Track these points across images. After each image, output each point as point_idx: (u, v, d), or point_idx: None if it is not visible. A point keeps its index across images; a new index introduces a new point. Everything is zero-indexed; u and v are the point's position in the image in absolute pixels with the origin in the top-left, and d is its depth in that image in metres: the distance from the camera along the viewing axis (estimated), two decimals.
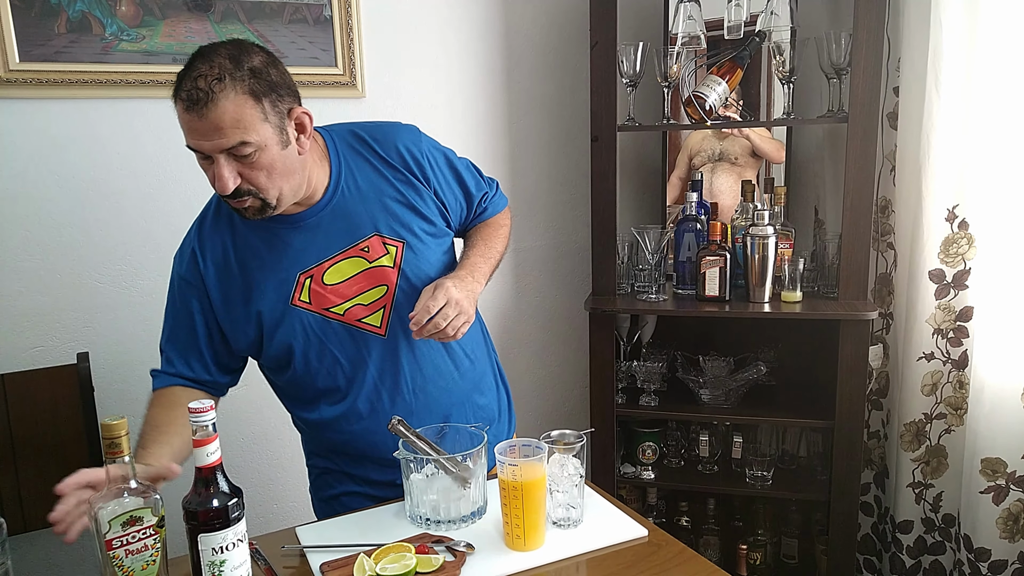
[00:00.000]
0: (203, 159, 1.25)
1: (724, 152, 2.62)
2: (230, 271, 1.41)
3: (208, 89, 1.18)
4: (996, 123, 2.05)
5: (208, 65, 1.20)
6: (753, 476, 2.38)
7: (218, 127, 1.20)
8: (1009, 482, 2.11)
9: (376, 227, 1.41)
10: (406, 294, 1.43)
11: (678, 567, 1.24)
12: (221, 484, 1.03)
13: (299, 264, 1.40)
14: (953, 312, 2.21)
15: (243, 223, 1.41)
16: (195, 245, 1.43)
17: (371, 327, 1.44)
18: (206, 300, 1.42)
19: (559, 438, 1.37)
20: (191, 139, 1.23)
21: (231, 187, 1.24)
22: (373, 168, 1.44)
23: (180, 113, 1.22)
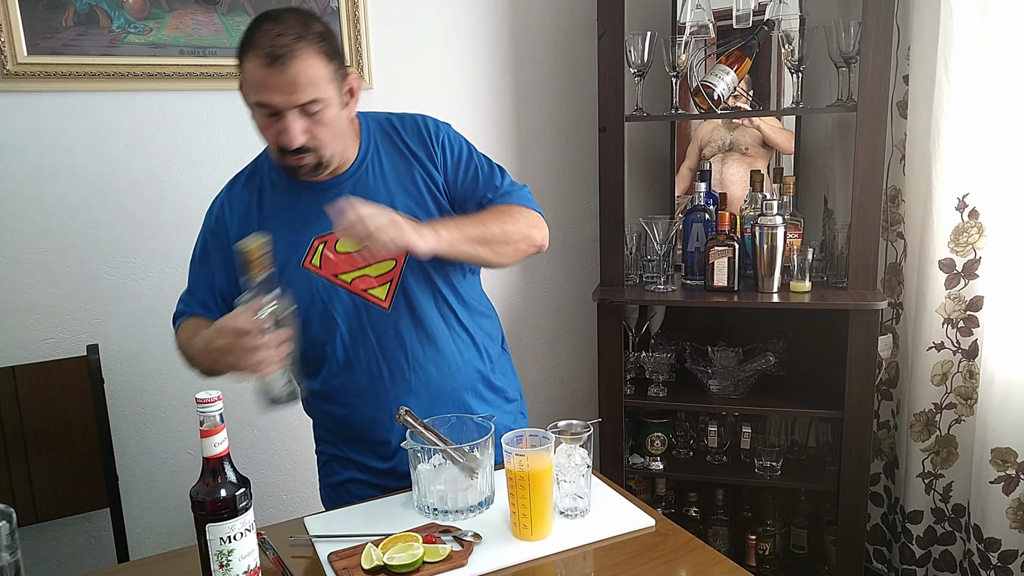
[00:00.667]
0: (267, 116, 1.33)
1: (734, 142, 2.61)
2: (251, 226, 1.45)
3: (289, 46, 1.27)
4: (1006, 111, 2.03)
5: (281, 25, 1.28)
6: (762, 466, 2.38)
7: (295, 83, 1.28)
8: (1019, 472, 2.10)
9: (393, 205, 1.44)
10: (414, 271, 1.48)
11: (685, 557, 1.24)
12: (229, 474, 1.04)
13: (316, 229, 1.44)
14: (963, 302, 2.20)
15: (272, 187, 1.49)
16: (224, 200, 1.52)
17: (376, 299, 1.46)
18: (228, 252, 1.46)
19: (566, 428, 1.37)
20: (264, 95, 1.30)
21: (299, 142, 1.32)
22: (399, 153, 1.51)
23: (255, 69, 1.29)
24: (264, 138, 1.39)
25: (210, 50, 2.05)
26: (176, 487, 2.19)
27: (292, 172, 1.41)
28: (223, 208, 1.51)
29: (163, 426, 2.17)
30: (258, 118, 1.36)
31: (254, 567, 1.07)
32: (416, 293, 1.49)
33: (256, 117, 1.36)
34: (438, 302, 1.53)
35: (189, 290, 1.54)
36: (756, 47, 2.27)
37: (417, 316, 1.49)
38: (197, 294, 1.52)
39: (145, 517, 2.17)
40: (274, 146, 1.37)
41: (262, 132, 1.37)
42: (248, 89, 1.33)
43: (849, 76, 2.15)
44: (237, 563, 1.04)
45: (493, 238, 1.43)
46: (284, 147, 1.34)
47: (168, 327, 2.11)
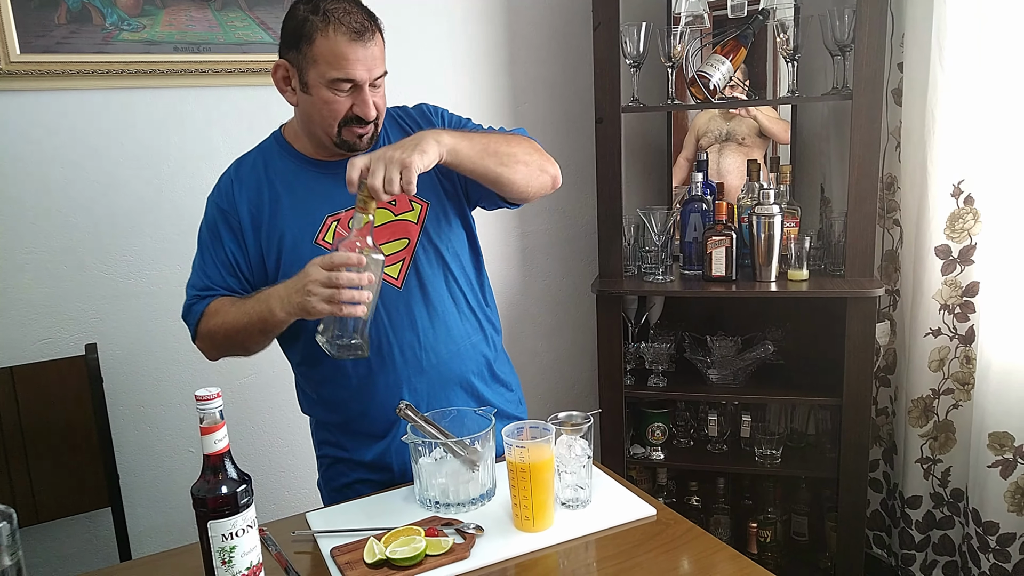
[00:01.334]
0: (338, 92, 1.36)
1: (731, 132, 2.61)
2: (262, 202, 1.48)
3: (368, 22, 1.36)
4: (1001, 97, 2.03)
5: (348, 3, 1.36)
6: (762, 455, 2.38)
7: (375, 57, 1.37)
8: (1017, 456, 2.11)
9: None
10: (426, 251, 1.50)
11: (686, 545, 1.24)
12: (229, 471, 1.04)
13: (329, 206, 1.46)
14: (959, 288, 2.20)
15: (282, 168, 1.50)
16: (233, 177, 1.52)
17: (388, 277, 1.47)
18: (238, 228, 1.48)
19: (566, 419, 1.37)
20: (348, 69, 1.34)
21: (374, 112, 1.40)
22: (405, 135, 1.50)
23: (338, 44, 1.33)
24: (323, 114, 1.39)
25: (204, 46, 2.04)
26: (177, 485, 2.19)
27: (349, 147, 1.43)
28: (232, 185, 1.50)
29: (163, 424, 2.17)
30: (325, 93, 1.37)
31: (256, 563, 1.07)
32: (428, 273, 1.51)
33: (321, 93, 1.37)
34: (449, 283, 1.54)
35: (203, 275, 1.50)
36: (751, 36, 2.27)
37: (428, 296, 1.51)
38: (214, 278, 1.49)
39: (147, 516, 2.18)
40: (338, 119, 1.39)
41: (326, 107, 1.38)
42: (323, 66, 1.34)
43: (844, 64, 2.15)
44: (239, 560, 1.05)
45: (501, 152, 1.43)
46: (363, 118, 1.39)
47: (167, 323, 2.12)
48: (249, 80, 2.12)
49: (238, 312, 1.41)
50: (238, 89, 2.12)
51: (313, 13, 1.34)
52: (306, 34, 1.34)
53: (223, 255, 1.48)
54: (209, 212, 1.52)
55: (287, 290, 1.31)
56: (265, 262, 1.48)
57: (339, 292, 1.23)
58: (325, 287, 1.23)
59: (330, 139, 1.43)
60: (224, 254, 1.48)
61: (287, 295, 1.31)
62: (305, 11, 1.35)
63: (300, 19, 1.35)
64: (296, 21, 1.36)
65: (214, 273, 1.49)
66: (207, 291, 1.49)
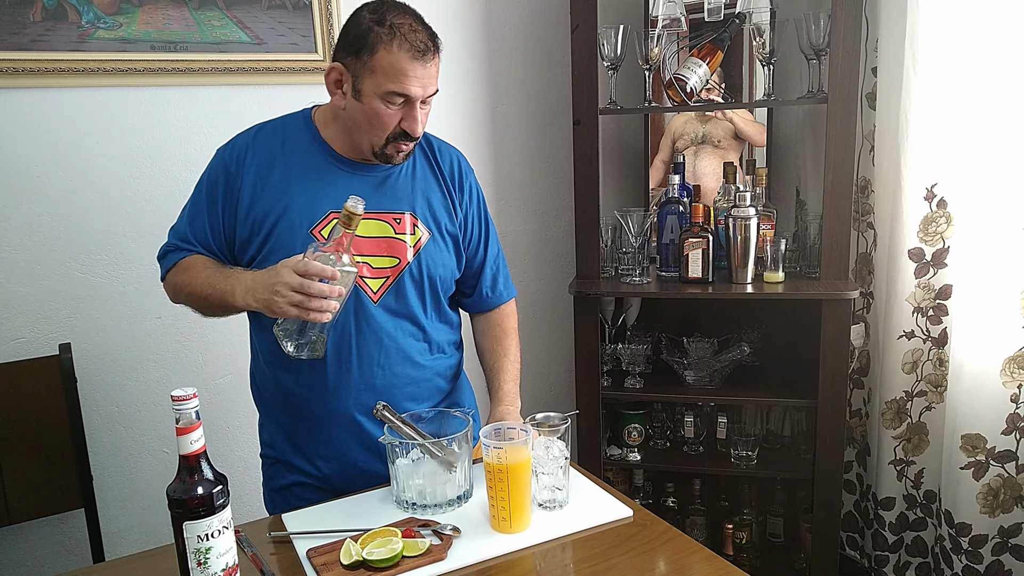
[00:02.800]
0: (390, 105, 1.37)
1: (707, 135, 2.62)
2: (271, 175, 1.47)
3: (431, 41, 1.37)
4: (973, 102, 2.06)
5: (416, 20, 1.38)
6: (738, 456, 2.40)
7: (432, 75, 1.39)
8: (989, 458, 2.14)
9: (413, 208, 1.51)
10: (412, 277, 1.50)
11: (663, 546, 1.25)
12: (205, 471, 1.03)
13: (334, 202, 1.44)
14: (932, 290, 2.23)
15: (302, 149, 1.49)
16: (249, 144, 1.50)
17: (368, 289, 1.47)
18: (236, 192, 1.47)
19: (544, 421, 1.38)
20: (405, 84, 1.35)
21: (421, 129, 1.42)
22: (429, 166, 1.57)
23: (400, 60, 1.34)
24: (372, 124, 1.40)
25: (181, 45, 2.03)
26: (152, 486, 2.17)
27: (387, 159, 1.44)
28: (246, 150, 1.49)
29: (138, 424, 2.15)
30: (377, 105, 1.37)
31: (232, 565, 1.07)
32: (408, 297, 1.50)
33: (374, 103, 1.37)
34: (426, 313, 1.55)
35: (188, 227, 1.50)
36: (728, 40, 2.28)
37: (400, 319, 1.50)
38: (198, 234, 1.49)
39: (121, 517, 2.15)
40: (386, 132, 1.40)
41: (376, 118, 1.38)
42: (381, 78, 1.35)
43: (820, 68, 2.18)
44: (215, 561, 1.04)
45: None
46: (410, 134, 1.40)
47: (143, 323, 2.11)
48: (227, 79, 2.10)
49: (205, 280, 1.43)
50: (216, 88, 2.11)
51: (379, 24, 1.34)
52: (369, 44, 1.34)
53: (214, 215, 1.48)
54: (214, 166, 1.51)
55: (255, 282, 1.32)
56: (252, 234, 1.46)
57: (308, 300, 1.25)
58: (295, 292, 1.25)
59: (372, 149, 1.44)
60: (215, 215, 1.48)
61: (254, 287, 1.32)
62: (370, 20, 1.35)
63: (364, 28, 1.35)
64: (360, 29, 1.36)
65: (199, 230, 1.49)
66: (187, 244, 1.49)
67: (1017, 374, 2.08)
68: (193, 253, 1.49)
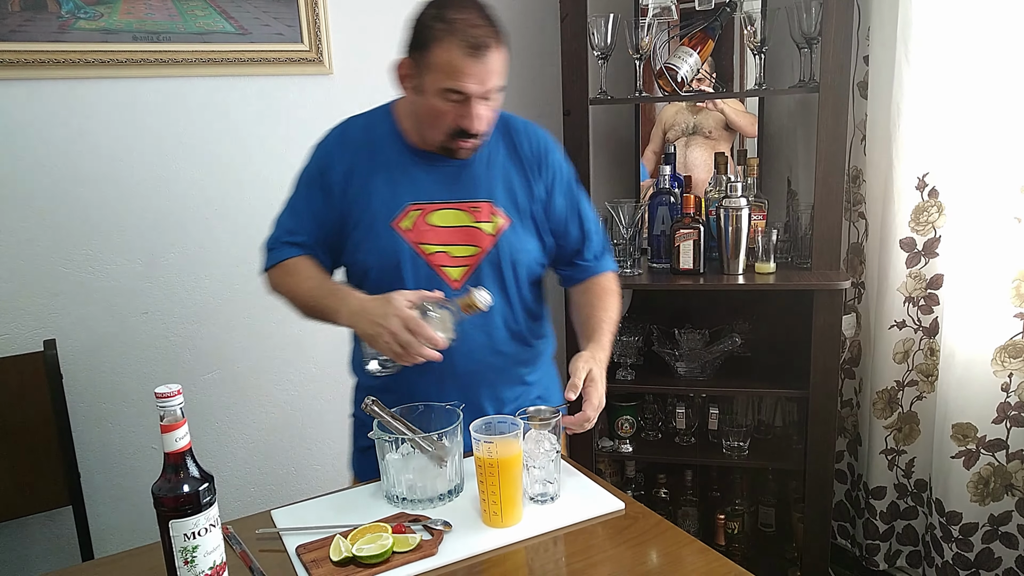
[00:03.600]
0: (452, 102, 1.36)
1: (698, 125, 2.61)
2: (356, 170, 1.50)
3: (490, 36, 1.34)
4: (965, 91, 2.05)
5: (477, 14, 1.35)
6: (730, 447, 2.40)
7: (491, 71, 1.36)
8: (979, 447, 2.14)
9: (491, 195, 1.51)
10: (492, 264, 1.51)
11: (655, 539, 1.24)
12: (191, 469, 1.01)
13: (413, 196, 1.48)
14: (924, 280, 2.23)
15: (387, 143, 1.51)
16: (338, 139, 1.54)
17: (447, 277, 1.49)
18: (329, 188, 1.50)
19: (535, 414, 1.37)
20: (462, 82, 1.34)
21: (482, 127, 1.41)
22: (510, 152, 1.55)
23: (456, 57, 1.32)
24: (432, 119, 1.40)
25: (164, 35, 2.00)
26: (140, 482, 2.15)
27: (451, 153, 1.45)
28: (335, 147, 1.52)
29: (126, 421, 2.13)
30: (435, 101, 1.37)
31: (220, 563, 1.05)
32: (488, 285, 1.51)
33: (432, 100, 1.37)
34: (505, 301, 1.55)
35: (292, 219, 1.53)
36: (719, 29, 2.27)
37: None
38: (304, 224, 1.52)
39: (109, 514, 2.14)
40: (446, 128, 1.40)
41: (437, 115, 1.39)
42: (437, 74, 1.35)
43: (811, 57, 2.16)
44: (202, 559, 1.02)
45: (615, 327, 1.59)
46: (467, 130, 1.40)
47: (128, 318, 2.08)
48: (211, 70, 2.08)
49: (308, 292, 1.46)
50: (200, 80, 2.08)
51: (437, 20, 1.34)
52: (427, 40, 1.34)
53: (315, 207, 1.51)
54: (312, 162, 1.54)
55: (363, 311, 1.34)
56: (343, 227, 1.50)
57: (407, 354, 1.30)
58: (398, 342, 1.29)
59: (435, 143, 1.45)
60: (315, 206, 1.51)
61: (359, 313, 1.35)
62: (430, 16, 1.35)
63: (424, 24, 1.35)
64: (421, 25, 1.36)
65: (304, 219, 1.52)
66: (293, 236, 1.52)
67: (1008, 363, 2.08)
68: (299, 252, 1.51)
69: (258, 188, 2.21)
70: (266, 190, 2.22)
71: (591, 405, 1.39)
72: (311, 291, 1.46)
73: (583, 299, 1.64)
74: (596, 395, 1.39)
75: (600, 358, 1.46)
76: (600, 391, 1.40)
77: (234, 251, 2.21)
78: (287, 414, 2.37)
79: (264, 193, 2.22)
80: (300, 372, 2.37)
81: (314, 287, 1.46)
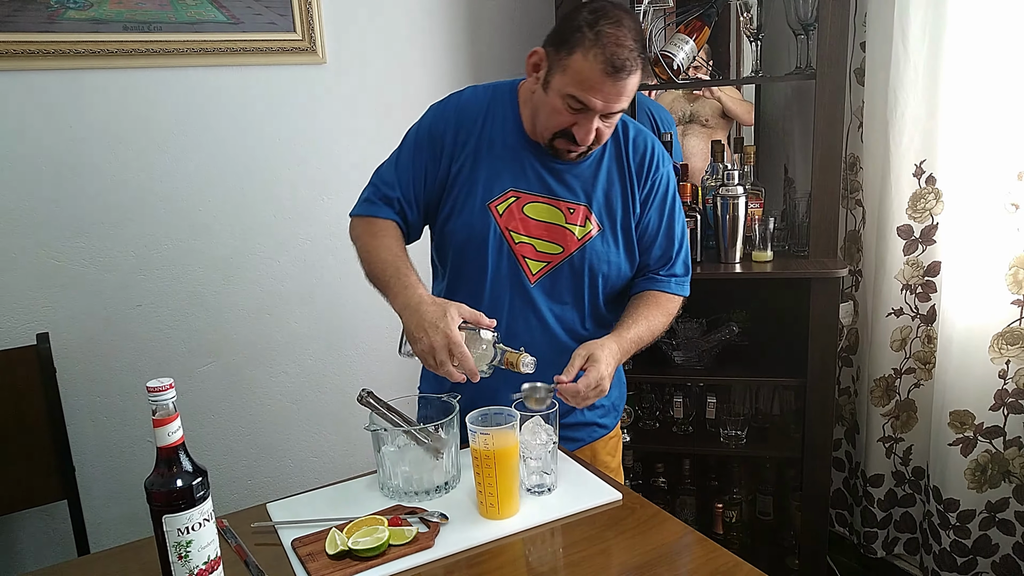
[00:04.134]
0: (571, 109, 1.36)
1: (694, 114, 2.60)
2: (467, 142, 1.49)
3: (631, 61, 1.31)
4: (962, 78, 2.04)
5: (628, 34, 1.31)
6: (727, 436, 2.39)
7: (621, 94, 1.34)
8: (977, 434, 2.14)
9: (589, 201, 1.51)
10: (572, 267, 1.51)
11: (653, 529, 1.24)
12: (184, 463, 1.00)
13: (515, 182, 1.49)
14: (921, 267, 2.22)
15: (501, 121, 1.50)
16: (456, 106, 1.53)
17: (527, 269, 1.50)
18: (439, 152, 1.50)
19: (530, 392, 1.37)
20: (590, 95, 1.33)
21: (591, 139, 1.39)
22: (616, 159, 1.53)
23: (592, 70, 1.31)
24: (547, 116, 1.40)
25: (155, 25, 1.98)
26: (136, 476, 2.13)
27: (556, 152, 1.45)
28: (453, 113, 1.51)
29: (121, 415, 2.12)
30: (556, 101, 1.36)
31: (214, 557, 1.04)
32: (563, 287, 1.52)
33: (554, 99, 1.37)
34: (577, 307, 1.54)
35: (394, 172, 1.52)
36: (715, 16, 2.25)
37: (551, 305, 1.52)
38: (403, 181, 1.51)
39: (105, 508, 2.13)
40: (556, 129, 1.40)
41: (552, 113, 1.38)
42: (568, 79, 1.33)
43: (808, 44, 2.15)
44: (196, 554, 1.02)
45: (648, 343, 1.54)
46: (579, 141, 1.39)
47: (122, 311, 2.07)
48: (203, 60, 2.06)
49: (383, 259, 1.44)
50: (191, 70, 2.07)
51: (588, 27, 1.31)
52: (572, 43, 1.32)
53: (419, 166, 1.51)
54: (425, 122, 1.54)
55: (417, 307, 1.33)
56: (442, 195, 1.51)
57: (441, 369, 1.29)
58: (435, 358, 1.28)
59: (543, 138, 1.45)
60: (420, 165, 1.51)
61: (412, 310, 1.33)
62: (583, 20, 1.32)
63: (575, 26, 1.33)
64: (571, 25, 1.34)
65: (405, 175, 1.51)
66: (391, 189, 1.51)
67: (1005, 350, 2.07)
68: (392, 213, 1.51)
69: (251, 178, 2.19)
70: (259, 180, 2.21)
71: (585, 380, 1.36)
72: (384, 263, 1.44)
73: (633, 302, 1.58)
74: (594, 374, 1.36)
75: (610, 346, 1.43)
76: (599, 372, 1.37)
77: (228, 242, 2.19)
78: (282, 407, 2.36)
79: (257, 183, 2.21)
80: (297, 364, 2.36)
81: (389, 261, 1.44)
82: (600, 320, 1.58)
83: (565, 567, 1.16)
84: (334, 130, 2.30)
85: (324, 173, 2.30)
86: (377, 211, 1.51)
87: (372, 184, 1.54)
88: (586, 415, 1.63)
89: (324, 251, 2.34)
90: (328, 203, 2.31)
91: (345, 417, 2.44)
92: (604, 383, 1.38)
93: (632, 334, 1.49)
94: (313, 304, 2.36)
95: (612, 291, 1.57)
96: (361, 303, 2.38)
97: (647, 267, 1.59)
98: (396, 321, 1.38)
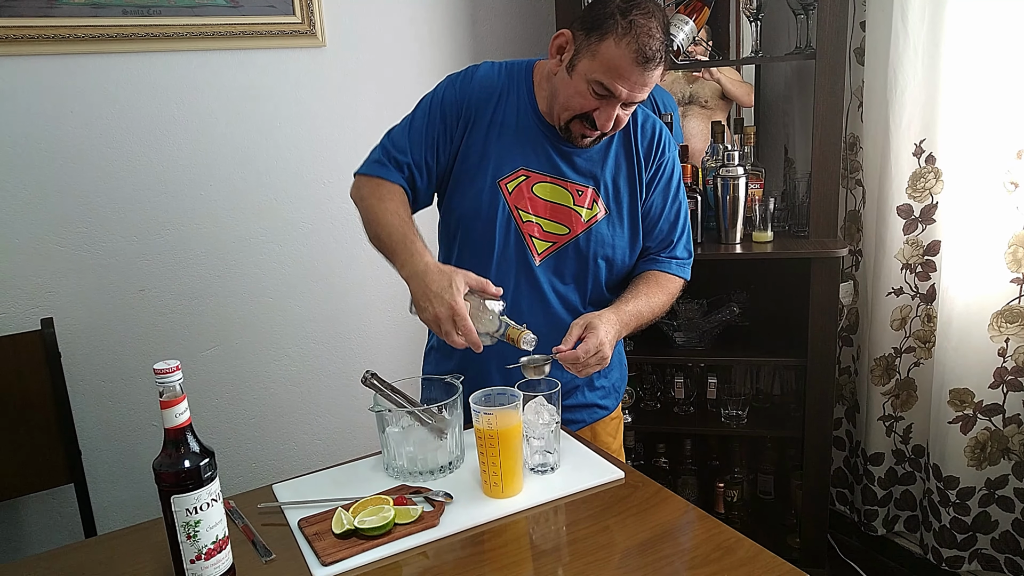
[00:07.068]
0: (595, 94, 1.36)
1: (694, 95, 2.59)
2: (480, 117, 1.50)
3: (660, 52, 1.33)
4: (962, 57, 2.04)
5: (658, 25, 1.32)
6: (728, 415, 2.41)
7: (644, 84, 1.35)
8: (976, 411, 2.15)
9: (597, 185, 1.52)
10: (576, 249, 1.53)
11: (655, 507, 1.25)
12: (192, 445, 1.02)
13: (525, 160, 1.50)
14: (921, 247, 2.23)
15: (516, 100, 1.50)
16: (472, 77, 1.52)
17: (533, 249, 1.51)
18: (453, 122, 1.50)
19: (528, 363, 1.38)
20: (616, 83, 1.34)
21: (610, 126, 1.40)
22: (624, 145, 1.54)
23: (621, 58, 1.31)
24: (568, 99, 1.40)
25: (155, 9, 1.98)
26: (141, 459, 2.16)
27: (568, 134, 1.45)
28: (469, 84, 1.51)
29: (125, 398, 2.13)
30: (581, 85, 1.37)
31: (222, 537, 1.06)
32: (567, 268, 1.53)
33: (578, 83, 1.37)
34: (580, 288, 1.56)
35: (406, 137, 1.51)
36: None
37: (555, 284, 1.54)
38: (414, 148, 1.50)
39: (111, 491, 2.15)
40: (575, 112, 1.40)
41: (574, 96, 1.38)
42: (597, 64, 1.34)
43: (807, 23, 2.14)
44: (204, 534, 1.03)
45: (649, 320, 1.55)
46: (598, 126, 1.40)
47: (125, 295, 2.08)
48: (203, 44, 2.05)
49: (389, 223, 1.43)
50: (191, 53, 2.06)
51: (622, 14, 1.31)
52: (603, 29, 1.33)
53: (431, 133, 1.50)
54: (439, 91, 1.53)
55: (424, 274, 1.33)
56: (449, 165, 1.51)
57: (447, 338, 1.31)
58: (439, 327, 1.30)
59: (559, 120, 1.45)
60: (432, 133, 1.50)
61: (419, 277, 1.34)
62: (616, 8, 1.32)
63: (608, 12, 1.33)
64: (603, 10, 1.34)
65: (417, 140, 1.50)
66: (402, 153, 1.49)
67: (1005, 328, 2.08)
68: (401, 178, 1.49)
69: (252, 162, 2.19)
70: (260, 163, 2.21)
71: (584, 346, 1.37)
72: (390, 227, 1.42)
73: (633, 280, 1.59)
74: (592, 340, 1.37)
75: (607, 316, 1.43)
76: (598, 338, 1.37)
77: (230, 225, 2.20)
78: (287, 389, 2.38)
79: (257, 166, 2.21)
80: (299, 347, 2.37)
81: (396, 226, 1.42)
82: (602, 303, 1.57)
83: (568, 545, 1.17)
84: (334, 113, 2.29)
85: (324, 156, 2.30)
86: (387, 174, 1.49)
87: (382, 146, 1.53)
88: (587, 396, 1.65)
89: (325, 234, 2.34)
90: (329, 187, 2.31)
91: (347, 400, 2.46)
92: (604, 349, 1.38)
93: (631, 307, 1.50)
94: (315, 287, 2.36)
95: (615, 275, 1.58)
96: (363, 286, 2.39)
97: (648, 249, 1.60)
98: (397, 303, 1.39)
